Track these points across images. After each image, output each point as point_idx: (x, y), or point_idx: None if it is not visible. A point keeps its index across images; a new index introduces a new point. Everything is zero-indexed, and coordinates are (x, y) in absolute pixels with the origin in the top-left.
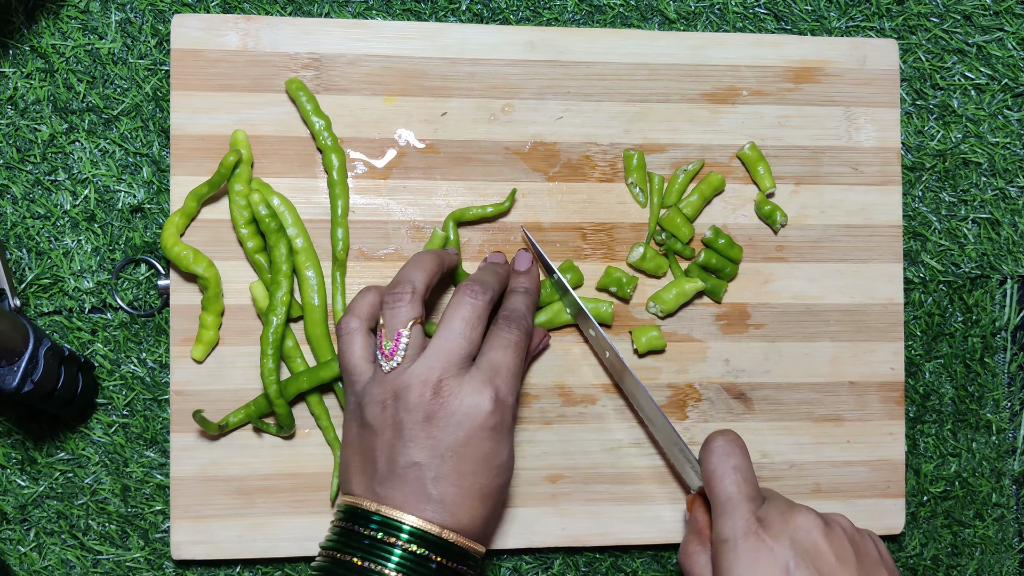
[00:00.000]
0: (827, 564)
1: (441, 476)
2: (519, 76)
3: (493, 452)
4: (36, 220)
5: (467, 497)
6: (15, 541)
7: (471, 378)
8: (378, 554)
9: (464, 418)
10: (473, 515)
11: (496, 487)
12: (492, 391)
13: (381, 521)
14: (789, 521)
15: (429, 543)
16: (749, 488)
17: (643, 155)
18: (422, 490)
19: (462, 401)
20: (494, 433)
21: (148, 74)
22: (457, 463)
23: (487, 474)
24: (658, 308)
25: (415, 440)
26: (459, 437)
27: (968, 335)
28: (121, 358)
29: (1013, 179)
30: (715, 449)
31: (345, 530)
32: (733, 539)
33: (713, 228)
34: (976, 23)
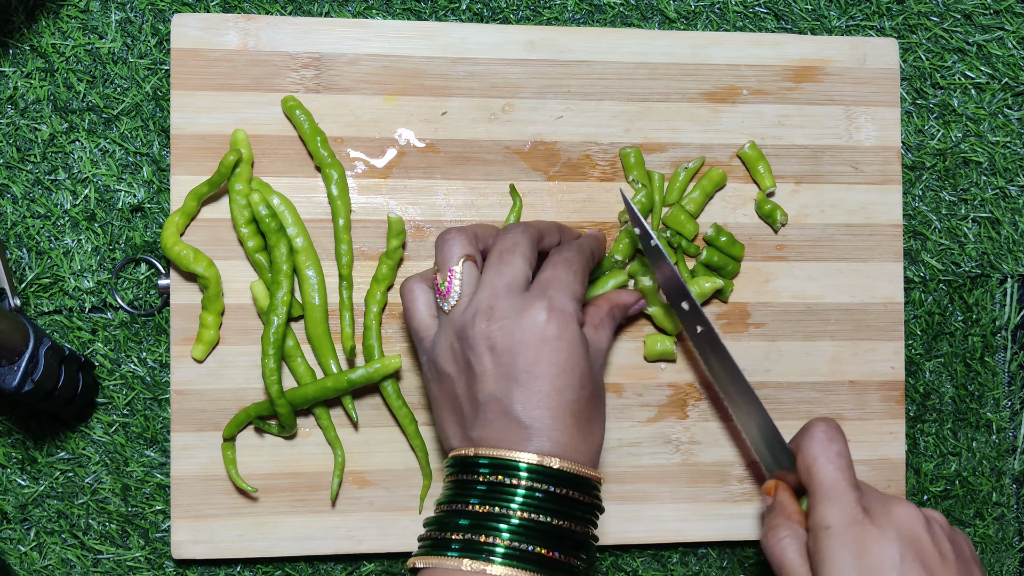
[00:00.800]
0: (931, 557)
1: (523, 400)
2: (519, 75)
3: (568, 363)
4: (36, 220)
5: (558, 416)
6: (15, 540)
7: (523, 297)
8: (496, 496)
9: (524, 335)
10: (569, 434)
11: (585, 401)
12: (545, 301)
13: (491, 462)
14: (892, 512)
15: (542, 475)
16: (851, 476)
17: (640, 151)
18: (511, 420)
19: (518, 319)
20: (560, 343)
21: (148, 73)
22: (535, 383)
23: (570, 388)
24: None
25: (486, 373)
26: (527, 356)
27: (968, 334)
28: (121, 357)
29: (1013, 178)
30: (817, 435)
31: (457, 482)
32: (838, 526)
33: (715, 226)
34: (976, 22)
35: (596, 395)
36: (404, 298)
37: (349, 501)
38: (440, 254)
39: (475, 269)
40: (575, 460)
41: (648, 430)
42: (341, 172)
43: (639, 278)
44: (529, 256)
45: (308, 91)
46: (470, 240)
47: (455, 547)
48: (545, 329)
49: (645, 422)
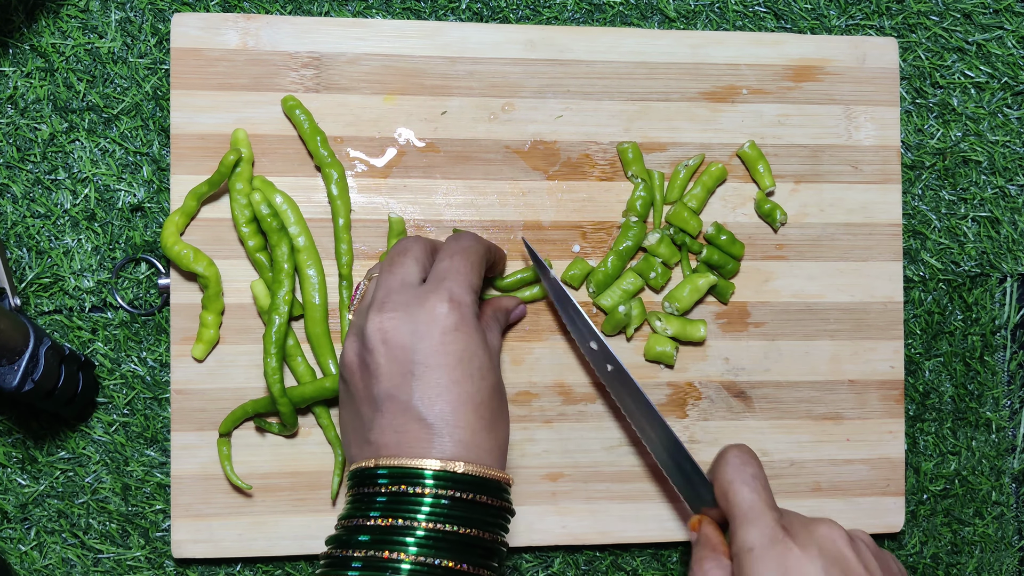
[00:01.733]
0: (855, 573)
1: (422, 396)
2: (519, 75)
3: (467, 355)
4: (36, 219)
5: (458, 410)
6: (16, 540)
7: (419, 290)
8: (398, 508)
9: (421, 326)
10: (472, 431)
11: (486, 394)
12: (444, 292)
13: (390, 473)
14: (814, 531)
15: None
16: (769, 497)
17: (637, 146)
18: (410, 417)
19: (414, 311)
20: (460, 334)
21: (148, 73)
22: (432, 375)
23: (469, 380)
24: (674, 307)
25: (380, 368)
26: (423, 348)
27: (968, 333)
28: (121, 357)
29: (1013, 177)
30: (730, 460)
31: (356, 496)
32: (759, 548)
33: (715, 224)
34: (976, 21)
35: (497, 389)
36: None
37: None
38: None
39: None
40: (480, 462)
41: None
42: (341, 172)
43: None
44: (420, 258)
45: (308, 91)
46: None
47: (356, 566)
48: (444, 320)
49: None
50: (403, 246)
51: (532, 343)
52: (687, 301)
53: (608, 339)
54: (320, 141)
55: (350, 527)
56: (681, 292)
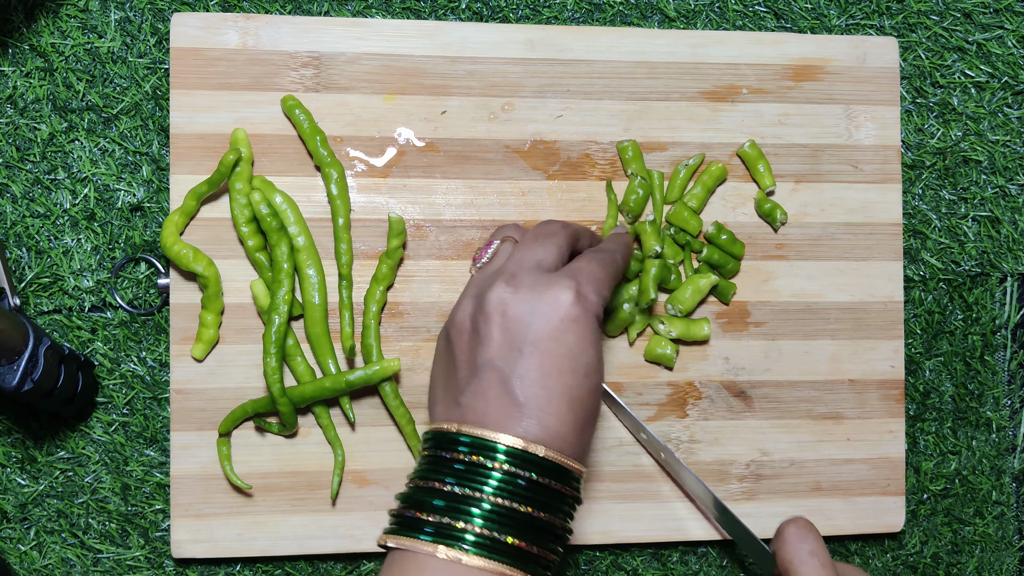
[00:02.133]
0: None
1: (523, 375)
2: (519, 74)
3: (578, 349)
4: (36, 219)
5: (553, 400)
6: (15, 540)
7: (550, 276)
8: (472, 477)
9: (543, 308)
10: (561, 421)
11: (585, 392)
12: (573, 284)
13: (471, 442)
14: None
15: (522, 460)
16: (828, 572)
17: (636, 144)
18: (505, 392)
19: (540, 293)
20: (576, 327)
21: (148, 73)
22: (539, 359)
23: (573, 373)
24: (677, 308)
25: (491, 337)
26: (538, 330)
27: (968, 333)
28: (121, 357)
29: (1013, 177)
30: (788, 538)
31: (432, 458)
32: None
33: (715, 224)
34: (976, 21)
35: (596, 390)
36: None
37: (349, 500)
38: (491, 238)
39: (511, 247)
40: (562, 450)
41: (648, 429)
42: (341, 171)
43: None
44: (563, 247)
45: (308, 90)
46: (519, 230)
47: (428, 530)
48: (567, 310)
49: (645, 421)
50: (551, 229)
51: None
52: (689, 302)
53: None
54: (320, 141)
55: (426, 489)
56: (683, 293)
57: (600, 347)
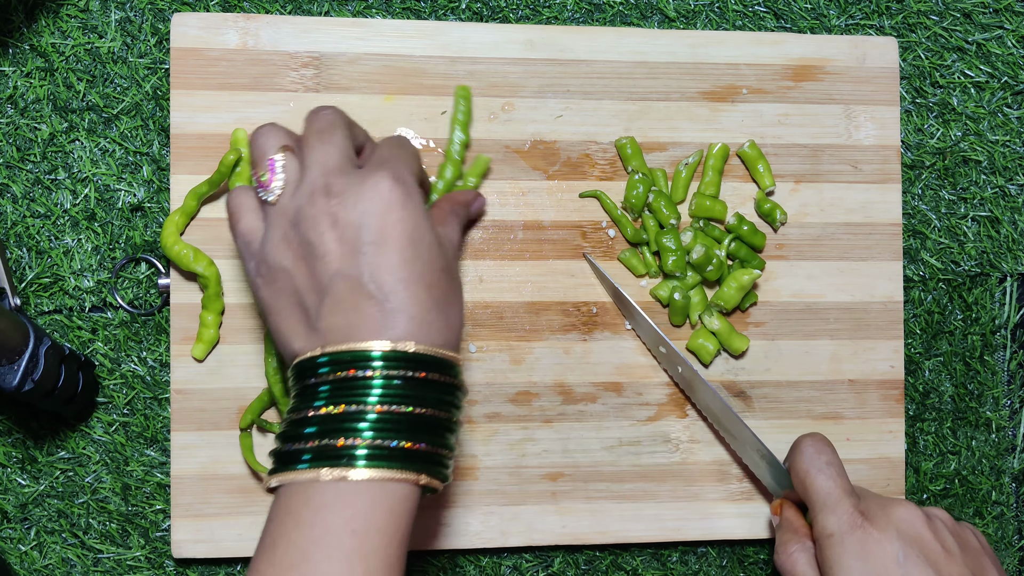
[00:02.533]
0: (934, 553)
1: (373, 272)
2: (519, 75)
3: (415, 232)
4: (36, 219)
5: (409, 287)
6: (16, 540)
7: (360, 172)
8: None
9: (368, 203)
10: (423, 307)
11: (438, 273)
12: (387, 171)
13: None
14: (891, 513)
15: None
16: (846, 483)
17: (635, 140)
18: (362, 295)
19: (360, 190)
20: (405, 211)
21: (148, 73)
22: (383, 253)
23: (419, 258)
24: (722, 307)
25: (329, 250)
26: (371, 225)
27: (968, 333)
28: (121, 357)
29: (1013, 177)
30: (805, 450)
31: (300, 390)
32: (839, 533)
33: (736, 215)
34: (976, 21)
35: (449, 272)
36: (229, 204)
37: None
38: (255, 149)
39: (295, 158)
40: (432, 342)
41: (648, 429)
42: None
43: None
44: (347, 134)
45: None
46: (285, 132)
47: (306, 457)
48: (390, 197)
49: (645, 421)
50: (329, 120)
51: (532, 343)
52: (733, 299)
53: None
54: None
55: (296, 420)
56: (727, 289)
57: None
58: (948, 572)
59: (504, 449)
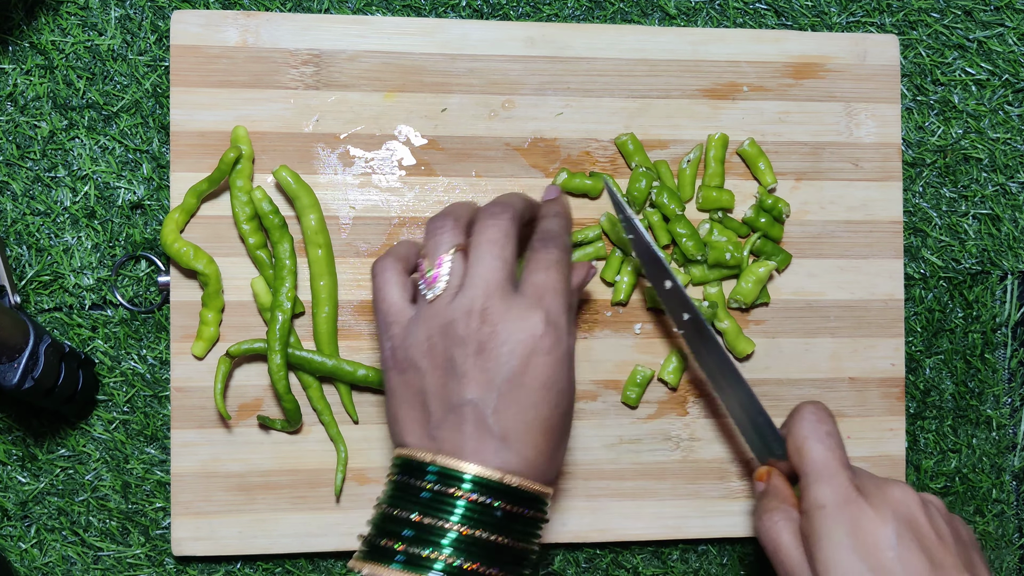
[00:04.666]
0: (928, 539)
1: (500, 409)
2: (519, 72)
3: (552, 378)
4: (36, 217)
5: (530, 431)
6: (16, 538)
7: (518, 302)
8: (439, 507)
9: (517, 344)
10: (538, 451)
11: (558, 417)
12: (542, 312)
13: (440, 472)
14: (887, 493)
15: (493, 490)
16: (843, 455)
17: (635, 136)
18: (482, 427)
19: (513, 326)
20: (550, 357)
21: (148, 70)
22: (516, 394)
23: (548, 403)
24: (740, 302)
25: (468, 375)
26: (514, 366)
27: (968, 331)
28: (121, 355)
29: (1014, 175)
30: (806, 416)
31: (401, 484)
32: (832, 505)
33: (753, 207)
34: (977, 19)
35: (569, 412)
36: (376, 278)
37: (350, 498)
38: (430, 240)
39: (463, 262)
40: (535, 478)
41: (648, 427)
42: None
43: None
44: (516, 246)
45: (308, 88)
46: (463, 229)
47: (399, 559)
48: (540, 343)
49: (645, 419)
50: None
51: None
52: (751, 293)
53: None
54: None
55: (394, 518)
56: (744, 284)
57: (571, 367)
58: (941, 560)
59: None
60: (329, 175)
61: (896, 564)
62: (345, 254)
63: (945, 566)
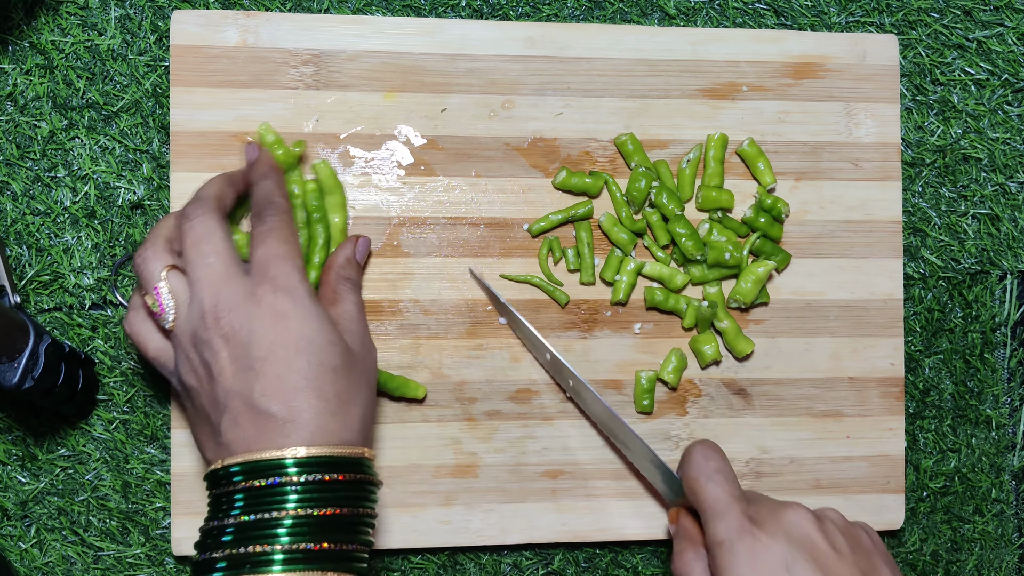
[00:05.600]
0: (823, 555)
1: (263, 389)
2: (519, 72)
3: (303, 339)
4: (36, 217)
5: (299, 393)
6: (16, 537)
7: (245, 283)
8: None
9: (254, 320)
10: (317, 413)
11: (330, 376)
12: (269, 283)
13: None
14: (780, 517)
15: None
16: (734, 489)
17: (634, 136)
18: (257, 412)
19: (247, 306)
20: (293, 321)
21: (148, 70)
22: (272, 366)
23: (309, 366)
24: (739, 302)
25: (223, 370)
26: (262, 341)
27: (968, 331)
28: (121, 354)
29: (1013, 175)
30: (694, 457)
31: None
32: (729, 540)
33: (753, 207)
34: (976, 18)
35: (347, 366)
36: (131, 337)
37: None
38: (141, 277)
39: (180, 277)
40: (331, 442)
41: (648, 427)
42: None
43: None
44: (224, 233)
45: (308, 88)
46: (165, 249)
47: (220, 566)
48: (276, 307)
49: (645, 419)
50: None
51: None
52: (750, 293)
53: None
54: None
55: (210, 529)
56: (744, 284)
57: (324, 321)
58: (837, 573)
59: (504, 447)
60: None
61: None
62: None
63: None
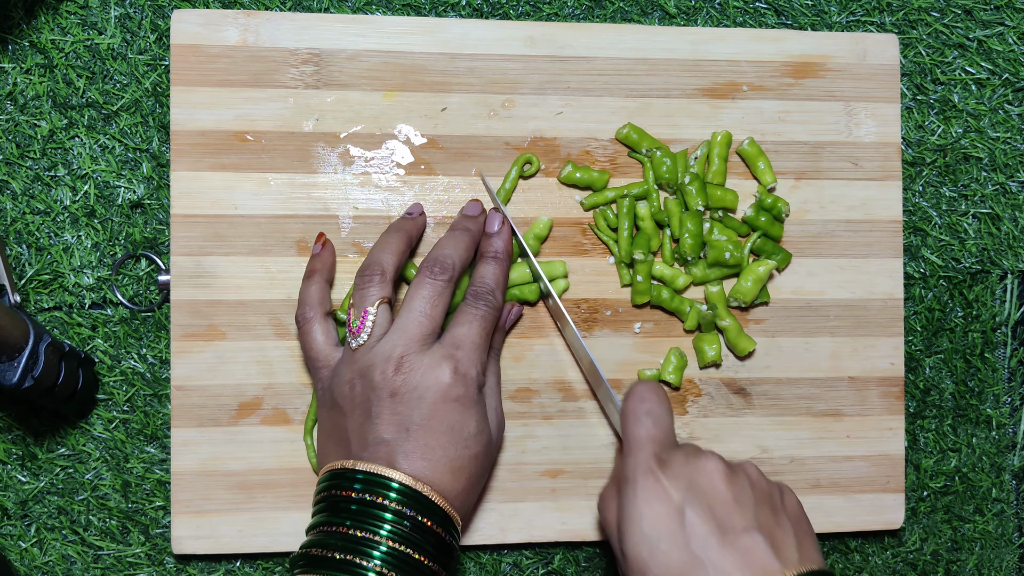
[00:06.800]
0: (722, 504)
1: (409, 451)
2: (519, 71)
3: (459, 424)
4: (36, 216)
5: (436, 470)
6: (16, 537)
7: (432, 353)
8: (369, 520)
9: (426, 392)
10: (444, 480)
11: (466, 459)
12: (452, 364)
13: (366, 479)
14: (692, 464)
15: (416, 501)
16: (658, 432)
17: (634, 125)
18: (393, 464)
19: (423, 376)
20: (457, 405)
21: (148, 69)
22: (424, 437)
23: (454, 446)
24: (740, 301)
25: (381, 417)
26: (423, 412)
27: (968, 330)
28: (121, 354)
29: (1013, 174)
30: (632, 394)
31: (330, 497)
32: (632, 478)
33: (753, 206)
34: (977, 18)
35: (481, 456)
36: (300, 329)
37: None
38: (358, 293)
39: (388, 312)
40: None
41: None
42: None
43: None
44: (447, 304)
45: (308, 87)
46: (389, 281)
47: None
48: (448, 391)
49: None
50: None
51: (532, 340)
52: (751, 292)
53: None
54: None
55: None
56: (744, 283)
57: (481, 412)
58: (732, 523)
59: (504, 446)
60: (329, 174)
61: (679, 529)
62: (346, 252)
63: (735, 528)
